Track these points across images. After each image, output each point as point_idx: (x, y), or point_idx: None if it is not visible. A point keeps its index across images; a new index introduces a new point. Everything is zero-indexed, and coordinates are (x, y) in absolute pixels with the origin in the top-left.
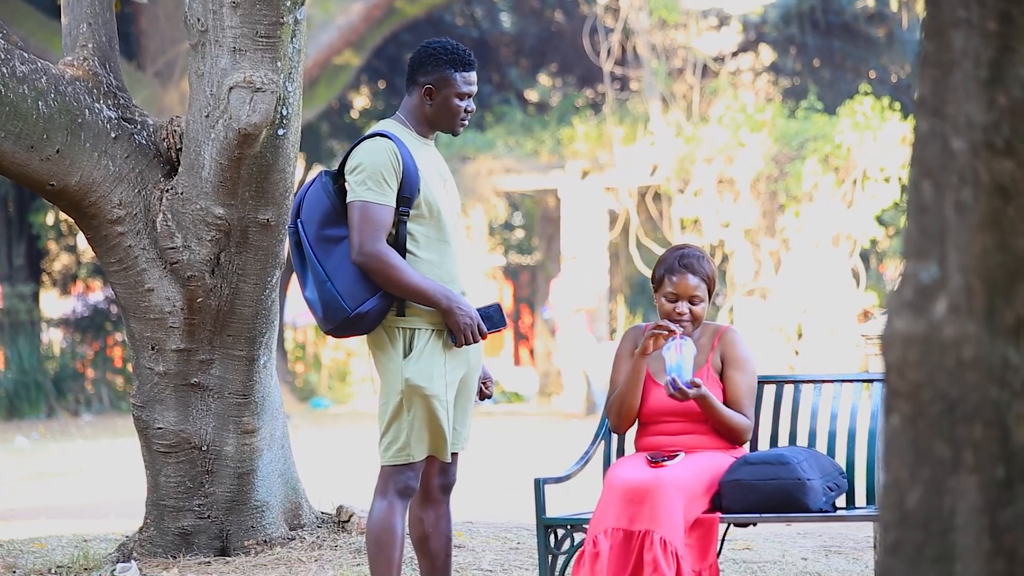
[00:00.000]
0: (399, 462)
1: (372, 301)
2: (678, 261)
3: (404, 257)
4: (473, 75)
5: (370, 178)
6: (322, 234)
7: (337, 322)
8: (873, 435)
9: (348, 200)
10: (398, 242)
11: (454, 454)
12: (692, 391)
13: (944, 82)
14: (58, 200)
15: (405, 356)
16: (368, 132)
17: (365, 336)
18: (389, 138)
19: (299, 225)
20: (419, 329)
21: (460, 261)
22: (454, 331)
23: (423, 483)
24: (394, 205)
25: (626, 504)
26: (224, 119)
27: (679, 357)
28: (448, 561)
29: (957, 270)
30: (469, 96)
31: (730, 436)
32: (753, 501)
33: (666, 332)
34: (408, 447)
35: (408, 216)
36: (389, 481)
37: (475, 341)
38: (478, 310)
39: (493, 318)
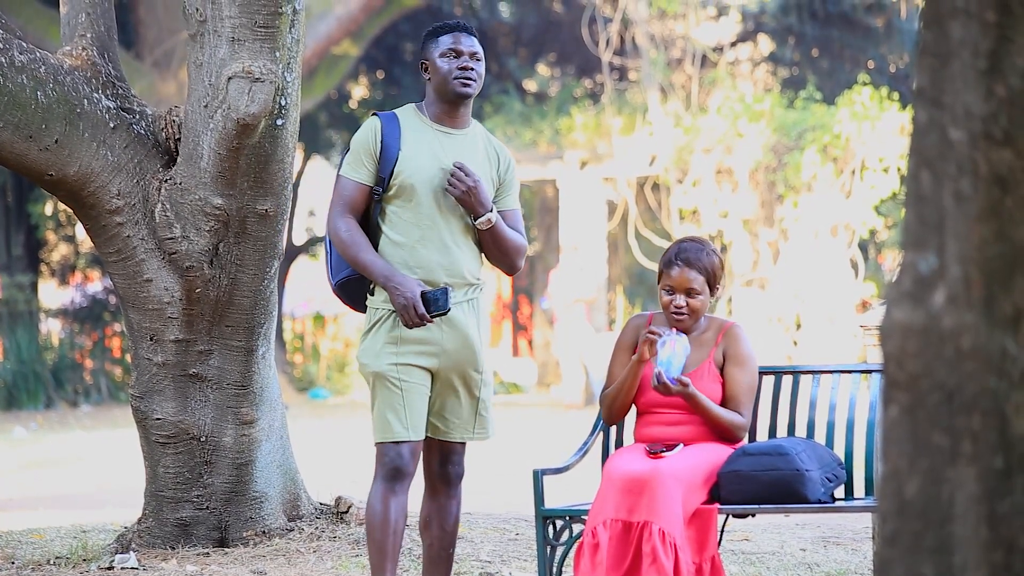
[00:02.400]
0: (377, 440)
1: (344, 273)
2: (675, 255)
3: (378, 236)
4: (460, 36)
5: (351, 154)
6: None
7: (334, 293)
8: (872, 426)
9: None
10: (371, 220)
11: (456, 444)
12: (676, 387)
13: (942, 72)
14: (57, 190)
15: (363, 333)
16: None
17: None
18: (379, 117)
19: None
20: (375, 308)
21: (441, 248)
22: (395, 311)
23: (424, 472)
24: (366, 183)
25: (625, 495)
26: (223, 109)
27: (671, 353)
28: (444, 555)
29: (956, 260)
30: (457, 54)
31: (723, 434)
32: (751, 492)
33: (656, 336)
34: (379, 426)
35: (381, 196)
36: (378, 462)
37: (413, 323)
38: (425, 293)
39: (438, 301)
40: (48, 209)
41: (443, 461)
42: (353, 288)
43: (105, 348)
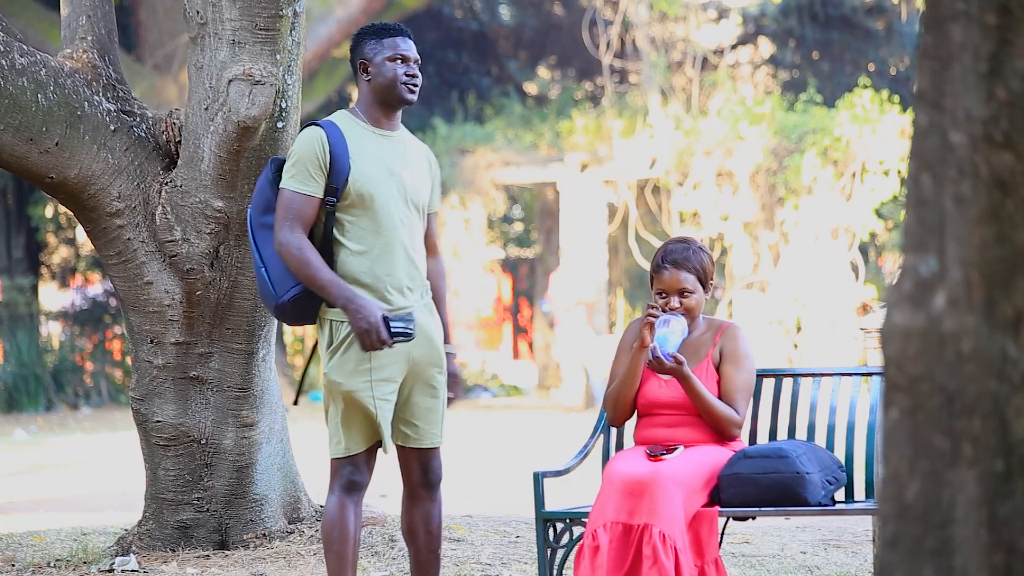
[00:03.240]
0: (336, 455)
1: (297, 288)
2: (663, 258)
3: (332, 247)
4: (404, 41)
5: (294, 166)
6: (261, 221)
7: (272, 308)
8: (872, 429)
9: (280, 188)
10: (325, 232)
11: (428, 449)
12: (670, 363)
13: (943, 75)
14: (57, 193)
15: (328, 348)
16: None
17: None
18: (321, 127)
19: (249, 213)
20: (342, 322)
21: (403, 254)
22: (355, 333)
23: (404, 480)
24: (318, 195)
25: (625, 498)
26: (223, 112)
27: (666, 330)
28: (432, 558)
29: (956, 263)
30: (403, 60)
31: (716, 425)
32: (752, 495)
33: (655, 314)
34: (340, 441)
35: (335, 206)
36: (334, 476)
37: (374, 347)
38: (389, 317)
39: (403, 326)
40: (48, 211)
41: (423, 468)
42: (305, 303)
43: (105, 351)
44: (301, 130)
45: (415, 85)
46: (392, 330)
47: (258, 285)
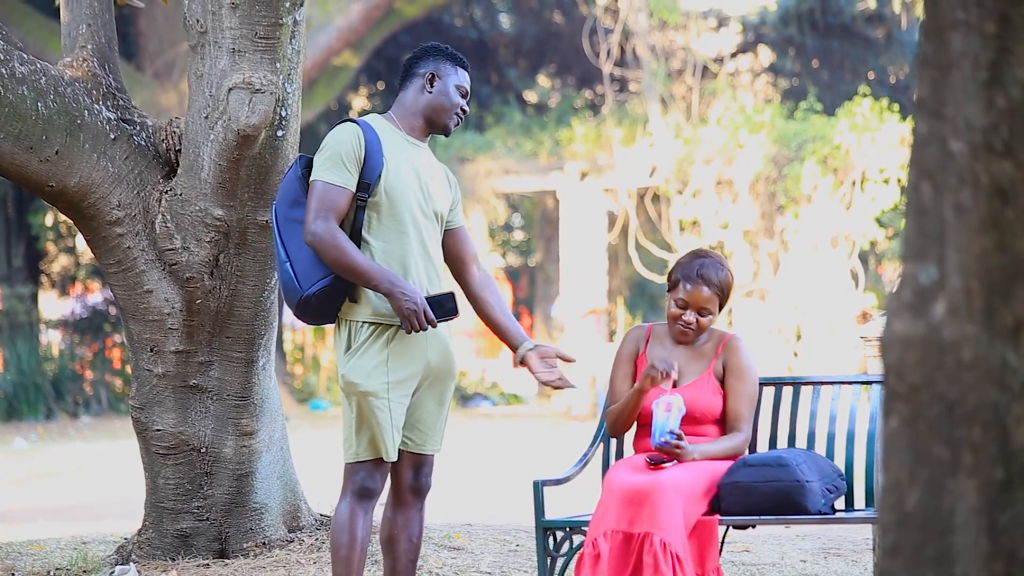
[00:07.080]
0: (349, 460)
1: (323, 282)
2: (696, 271)
3: (359, 244)
4: (467, 77)
5: (329, 159)
6: (289, 215)
7: (294, 304)
8: (872, 437)
9: (310, 180)
10: (354, 227)
11: (425, 456)
12: (667, 446)
13: (943, 83)
14: (57, 201)
15: (346, 351)
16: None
17: None
18: (358, 124)
19: (275, 208)
20: (361, 323)
21: (425, 258)
22: (399, 316)
23: (393, 484)
24: (352, 189)
25: (625, 506)
26: (223, 120)
27: (667, 416)
28: (411, 567)
29: (956, 272)
30: (464, 96)
31: (729, 458)
32: (752, 503)
33: (657, 376)
34: (354, 446)
35: (366, 203)
36: (347, 481)
37: (421, 328)
38: (430, 297)
39: (444, 305)
40: (48, 220)
41: (416, 474)
42: (329, 298)
43: (105, 359)
44: (332, 127)
45: (460, 120)
46: (439, 310)
47: (281, 281)
